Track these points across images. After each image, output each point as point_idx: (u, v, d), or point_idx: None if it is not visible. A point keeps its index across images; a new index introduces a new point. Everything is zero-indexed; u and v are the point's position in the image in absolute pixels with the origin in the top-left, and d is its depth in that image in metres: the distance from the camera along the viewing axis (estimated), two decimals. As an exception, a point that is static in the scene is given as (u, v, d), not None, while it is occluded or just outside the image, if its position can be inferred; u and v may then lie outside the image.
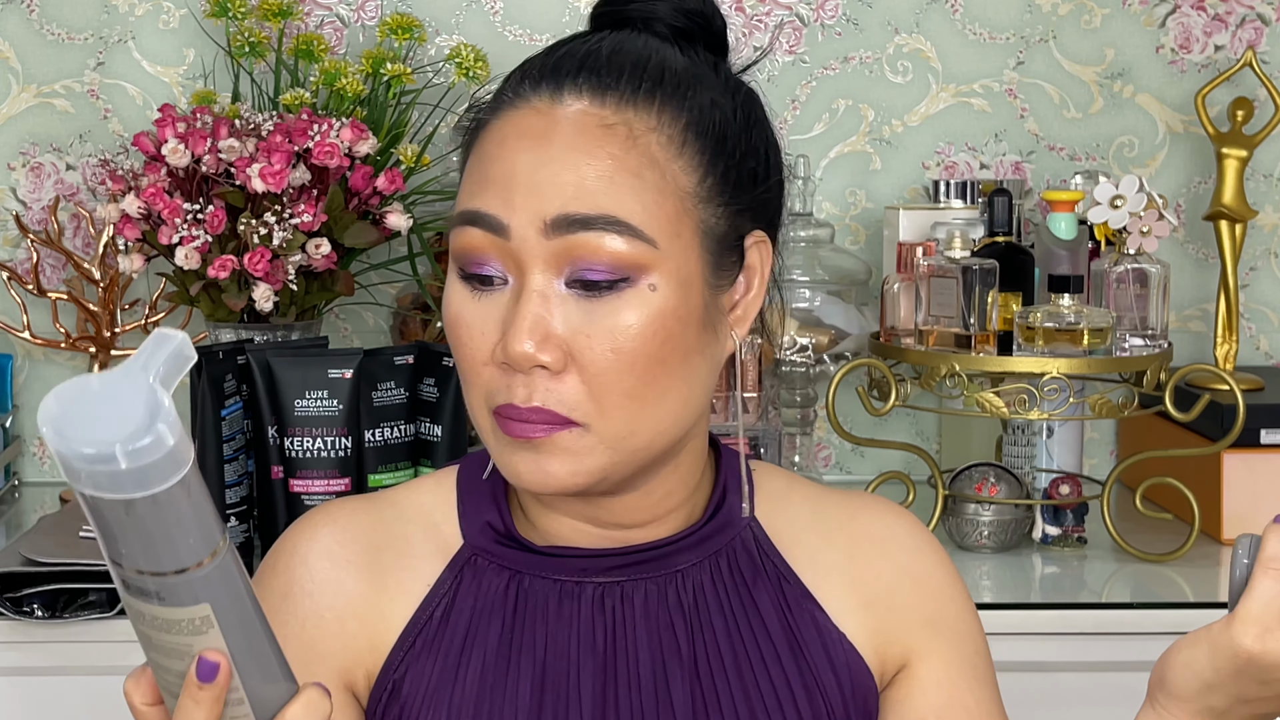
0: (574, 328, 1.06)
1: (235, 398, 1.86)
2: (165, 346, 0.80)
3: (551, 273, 1.06)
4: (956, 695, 1.18)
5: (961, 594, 1.22)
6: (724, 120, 1.12)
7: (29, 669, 1.76)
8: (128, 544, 0.83)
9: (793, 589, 1.17)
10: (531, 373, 1.06)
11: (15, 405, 2.29)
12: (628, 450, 1.08)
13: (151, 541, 0.82)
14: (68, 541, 1.76)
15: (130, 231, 2.00)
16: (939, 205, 2.19)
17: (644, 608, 1.14)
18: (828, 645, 1.16)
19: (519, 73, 1.13)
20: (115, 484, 0.80)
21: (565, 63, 1.11)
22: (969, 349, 1.94)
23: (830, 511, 1.22)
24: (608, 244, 1.05)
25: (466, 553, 1.16)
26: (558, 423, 1.06)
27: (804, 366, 2.15)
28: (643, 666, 1.13)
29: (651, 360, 1.07)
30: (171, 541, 0.82)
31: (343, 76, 2.09)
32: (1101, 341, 1.93)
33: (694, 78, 1.11)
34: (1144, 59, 2.35)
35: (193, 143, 1.96)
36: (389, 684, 1.13)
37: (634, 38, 1.13)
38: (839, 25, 2.32)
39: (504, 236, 1.06)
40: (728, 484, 1.18)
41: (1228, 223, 2.22)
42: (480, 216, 1.07)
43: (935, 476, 2.02)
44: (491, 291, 1.08)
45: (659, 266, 1.06)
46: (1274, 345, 2.38)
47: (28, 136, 2.29)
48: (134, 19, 2.28)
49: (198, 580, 0.84)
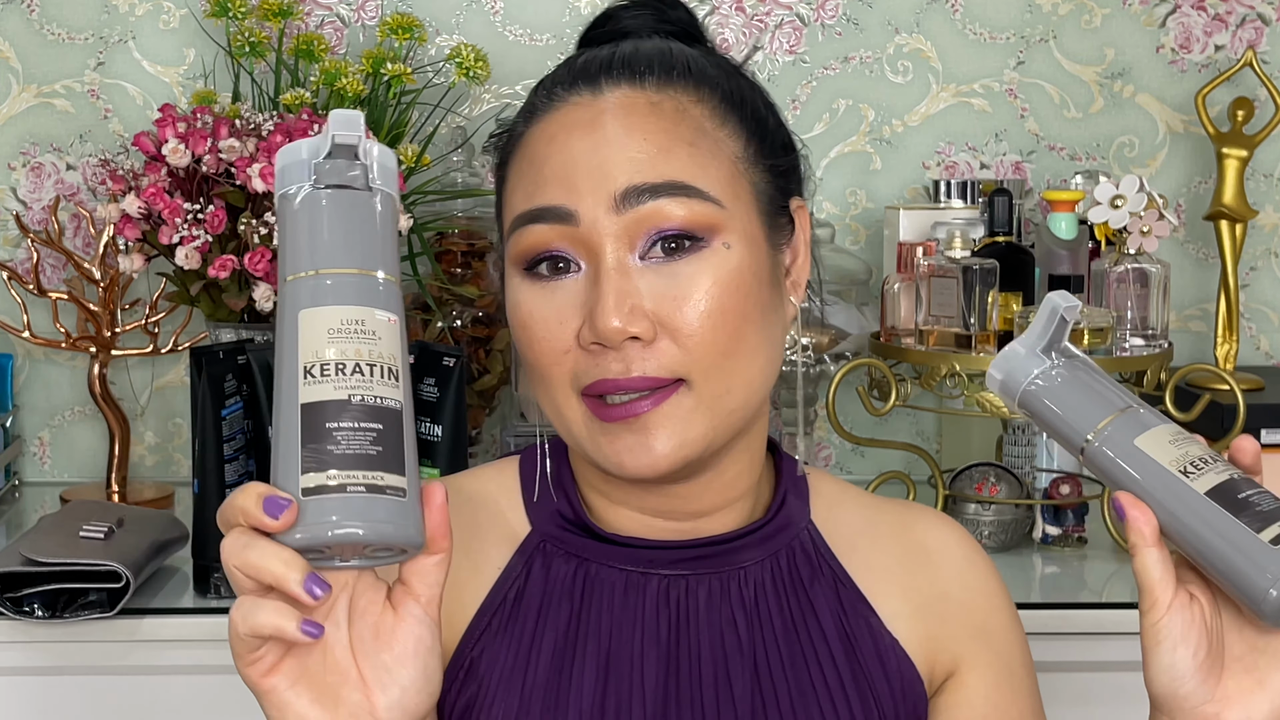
0: (659, 295, 1.08)
1: (235, 398, 1.86)
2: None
3: (624, 248, 1.09)
4: (1002, 706, 1.21)
5: (1009, 606, 1.25)
6: (750, 94, 1.17)
7: (29, 669, 1.76)
8: (324, 239, 0.98)
9: (848, 592, 1.19)
10: (623, 347, 1.08)
11: (15, 405, 2.29)
12: (725, 411, 1.10)
13: (349, 235, 0.97)
14: (68, 541, 1.76)
15: (130, 231, 1.99)
16: (939, 205, 2.19)
17: (707, 602, 1.16)
18: (881, 649, 1.18)
19: (543, 85, 1.16)
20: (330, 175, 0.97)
21: (592, 65, 1.15)
22: (969, 349, 1.94)
23: (884, 519, 1.24)
24: (678, 208, 1.09)
25: (535, 539, 1.18)
26: (661, 386, 1.08)
27: (804, 366, 2.15)
28: (704, 661, 1.15)
29: (739, 316, 1.10)
30: (368, 238, 0.98)
31: (343, 76, 2.09)
32: (1102, 341, 1.93)
33: (712, 62, 1.17)
34: (1144, 59, 2.35)
35: (193, 143, 1.96)
36: (465, 661, 1.15)
37: (643, 40, 1.17)
38: (839, 25, 2.32)
39: (572, 224, 1.09)
40: (788, 486, 1.21)
41: (1228, 223, 2.22)
42: (545, 211, 1.10)
43: (935, 476, 2.02)
44: (562, 280, 1.10)
45: (728, 226, 1.10)
46: (1274, 345, 2.38)
47: (28, 136, 2.29)
48: (134, 19, 2.28)
49: (376, 285, 0.97)
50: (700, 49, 1.18)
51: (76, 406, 2.31)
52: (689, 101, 1.13)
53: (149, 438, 2.31)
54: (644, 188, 1.09)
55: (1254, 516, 1.03)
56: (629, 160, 1.09)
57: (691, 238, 1.09)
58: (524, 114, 1.16)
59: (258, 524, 0.91)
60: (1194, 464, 1.07)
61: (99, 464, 2.29)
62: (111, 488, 2.14)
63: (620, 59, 1.14)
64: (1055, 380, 1.11)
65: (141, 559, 1.76)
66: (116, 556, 1.72)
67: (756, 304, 1.11)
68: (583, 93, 1.13)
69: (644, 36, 1.17)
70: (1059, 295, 1.11)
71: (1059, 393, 1.10)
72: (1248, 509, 1.04)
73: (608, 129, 1.10)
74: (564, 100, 1.13)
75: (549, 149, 1.12)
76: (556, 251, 1.10)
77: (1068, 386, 1.10)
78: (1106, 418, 1.09)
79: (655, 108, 1.12)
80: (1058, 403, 1.10)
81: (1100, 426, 1.09)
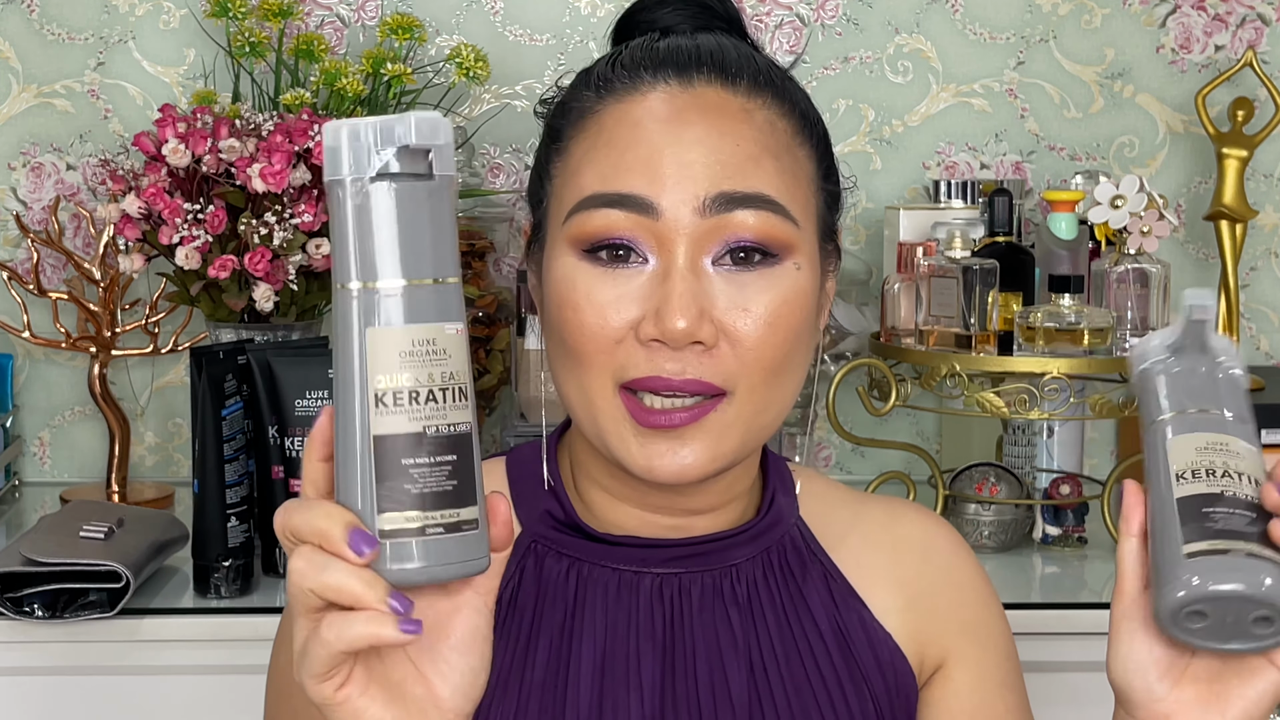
0: (729, 302, 1.08)
1: (235, 398, 1.86)
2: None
3: (701, 251, 1.08)
4: (989, 700, 1.21)
5: (996, 603, 1.25)
6: (817, 114, 1.17)
7: (29, 669, 1.76)
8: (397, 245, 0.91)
9: (839, 587, 1.20)
10: (684, 349, 1.07)
11: (15, 405, 2.29)
12: (757, 428, 1.11)
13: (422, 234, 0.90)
14: (68, 541, 1.76)
15: (130, 231, 1.99)
16: (939, 205, 2.19)
17: (701, 600, 1.16)
18: (873, 642, 1.19)
19: (622, 64, 1.13)
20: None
21: (680, 54, 1.12)
22: (969, 349, 1.94)
23: (871, 515, 1.24)
24: (761, 222, 1.08)
25: (526, 539, 1.17)
26: (710, 394, 1.08)
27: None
28: (700, 658, 1.15)
29: (794, 337, 1.10)
30: (436, 236, 0.91)
31: (343, 76, 2.09)
32: (1102, 341, 1.93)
33: (787, 74, 1.16)
34: (1144, 59, 2.35)
35: (193, 143, 1.96)
36: None
37: (716, 36, 1.15)
38: (839, 25, 2.32)
39: (651, 216, 1.07)
40: (776, 483, 1.21)
41: (1228, 223, 2.22)
42: (625, 198, 1.08)
43: (935, 476, 2.02)
44: (627, 269, 1.08)
45: (801, 246, 1.11)
46: (1274, 345, 2.38)
47: (28, 136, 2.29)
48: (134, 19, 2.28)
49: (444, 293, 0.91)
50: (770, 59, 1.17)
51: (76, 406, 2.31)
52: (777, 114, 1.12)
53: (149, 438, 2.31)
54: (733, 196, 1.08)
55: (1197, 530, 1.03)
56: (720, 164, 1.08)
57: (767, 253, 1.09)
58: (597, 87, 1.13)
59: (338, 554, 0.90)
60: (1196, 472, 1.06)
61: (99, 464, 2.29)
62: (111, 488, 2.14)
63: (710, 55, 1.12)
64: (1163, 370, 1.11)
65: (141, 559, 1.76)
66: (116, 556, 1.72)
67: (806, 327, 1.12)
68: (671, 81, 1.11)
69: (687, 34, 1.15)
70: (1191, 295, 1.10)
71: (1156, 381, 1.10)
72: (1200, 521, 1.03)
73: (699, 126, 1.09)
74: (649, 85, 1.11)
75: (634, 134, 1.09)
76: (629, 240, 1.08)
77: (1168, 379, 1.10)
78: (1172, 413, 1.09)
79: (748, 115, 1.10)
80: (1148, 390, 1.11)
81: (1159, 419, 1.09)
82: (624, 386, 1.08)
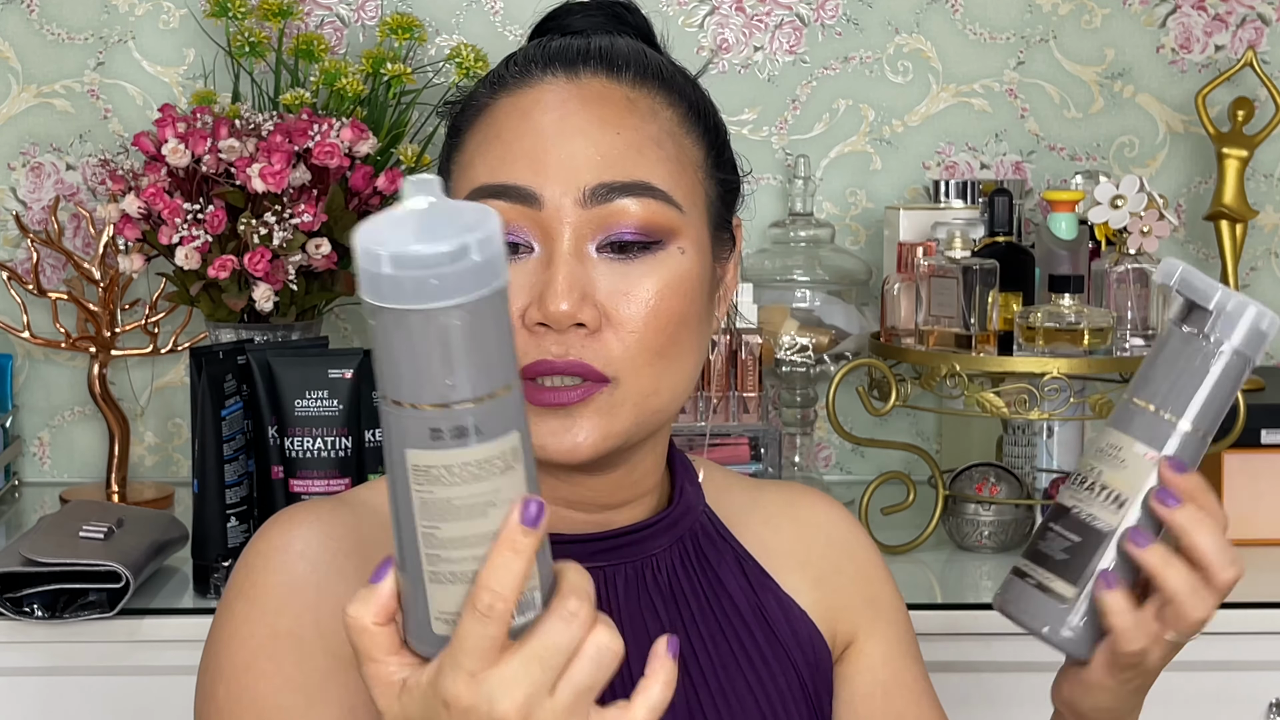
0: (610, 288, 1.09)
1: (235, 398, 1.86)
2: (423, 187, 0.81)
3: (583, 238, 1.09)
4: (899, 672, 1.26)
5: (892, 579, 1.30)
6: (712, 108, 1.19)
7: (29, 669, 1.76)
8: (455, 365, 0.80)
9: (752, 568, 1.22)
10: (567, 331, 1.08)
11: (15, 405, 2.29)
12: (650, 410, 1.12)
13: (482, 353, 0.80)
14: (68, 541, 1.76)
15: (130, 231, 1.99)
16: (939, 205, 2.19)
17: (626, 592, 1.17)
18: (791, 620, 1.21)
19: (515, 60, 1.16)
20: (461, 283, 0.78)
21: (569, 50, 1.14)
22: (969, 349, 1.94)
23: (769, 499, 1.28)
24: (642, 209, 1.10)
25: None
26: (593, 378, 1.09)
27: (804, 366, 2.15)
28: (632, 649, 1.15)
29: (679, 320, 1.11)
30: (498, 352, 0.81)
31: (343, 76, 2.09)
32: (1102, 341, 1.93)
33: (679, 69, 1.19)
34: (1144, 59, 2.35)
35: (193, 143, 1.96)
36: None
37: (613, 36, 1.18)
38: (839, 25, 2.32)
39: (535, 206, 1.09)
40: (682, 473, 1.23)
41: (1228, 223, 2.22)
42: (509, 189, 1.10)
43: (935, 476, 2.02)
44: (515, 260, 1.09)
45: (685, 231, 1.12)
46: (1274, 345, 2.38)
47: (28, 136, 2.29)
48: (134, 19, 2.28)
49: (511, 404, 0.82)
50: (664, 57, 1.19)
51: (76, 406, 2.31)
52: (661, 104, 1.14)
53: (149, 438, 2.31)
54: (613, 185, 1.09)
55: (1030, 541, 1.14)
56: (601, 155, 1.10)
57: (650, 239, 1.10)
58: (489, 84, 1.15)
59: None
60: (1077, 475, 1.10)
61: (99, 464, 2.29)
62: (111, 488, 2.14)
63: (598, 49, 1.14)
64: (1168, 341, 1.11)
65: (141, 559, 1.76)
66: (116, 557, 1.72)
67: (694, 311, 1.13)
68: (558, 75, 1.13)
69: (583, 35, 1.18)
70: (1164, 266, 1.10)
71: (1154, 358, 1.11)
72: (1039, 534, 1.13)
73: (581, 116, 1.11)
74: (538, 79, 1.13)
75: (520, 125, 1.11)
76: (513, 231, 1.09)
77: (1164, 353, 1.11)
78: (1130, 396, 1.11)
79: (631, 104, 1.12)
80: (1150, 361, 1.12)
81: (1126, 396, 1.11)
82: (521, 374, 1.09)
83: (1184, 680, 1.81)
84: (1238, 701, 1.84)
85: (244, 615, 1.10)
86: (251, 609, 1.10)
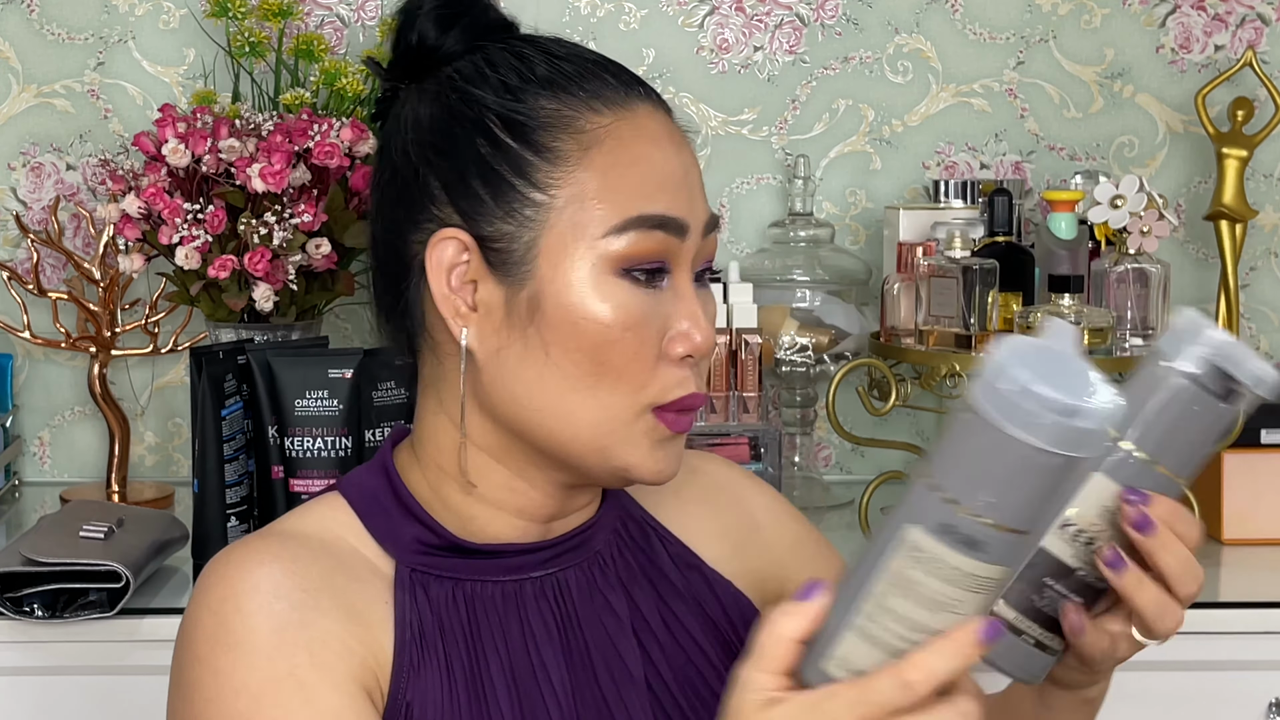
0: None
1: (235, 398, 1.86)
2: (1067, 336, 0.88)
3: (693, 267, 1.13)
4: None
5: (794, 510, 1.32)
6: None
7: (29, 669, 1.76)
8: (1006, 491, 0.86)
9: (675, 547, 1.23)
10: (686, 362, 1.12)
11: (15, 405, 2.29)
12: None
13: (1031, 496, 0.86)
14: (68, 541, 1.76)
15: (130, 231, 2.00)
16: (939, 205, 2.19)
17: (580, 592, 1.17)
18: (718, 593, 1.22)
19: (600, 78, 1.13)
20: (1056, 435, 0.84)
21: (624, 72, 1.15)
22: (969, 349, 1.94)
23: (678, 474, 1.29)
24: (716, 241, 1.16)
25: (404, 571, 1.13)
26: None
27: (804, 366, 2.15)
28: (594, 647, 1.16)
29: None
30: (1041, 504, 0.87)
31: (343, 76, 2.09)
32: (1102, 341, 1.93)
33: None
34: (1144, 59, 2.35)
35: (193, 143, 1.96)
36: (401, 707, 1.10)
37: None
38: (839, 25, 2.32)
39: (681, 238, 1.11)
40: None
41: (1228, 222, 2.23)
42: (670, 221, 1.10)
43: (935, 476, 2.02)
44: (658, 289, 1.11)
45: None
46: (1274, 345, 2.38)
47: (28, 136, 2.29)
48: (134, 19, 2.28)
49: (1020, 546, 0.88)
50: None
51: (76, 406, 2.31)
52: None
53: (149, 438, 2.31)
54: (714, 218, 1.14)
55: (1023, 593, 1.11)
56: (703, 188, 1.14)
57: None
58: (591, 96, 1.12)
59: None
60: (1082, 533, 1.10)
61: (99, 464, 2.29)
62: (111, 488, 2.14)
63: (639, 78, 1.15)
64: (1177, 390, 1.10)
65: (141, 559, 1.76)
66: (116, 556, 1.72)
67: None
68: (644, 101, 1.14)
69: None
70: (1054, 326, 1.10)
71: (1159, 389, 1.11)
72: (1032, 589, 1.12)
73: (687, 150, 1.14)
74: (640, 102, 1.13)
75: (654, 153, 1.11)
76: (659, 259, 1.10)
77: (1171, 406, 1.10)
78: (1132, 445, 1.10)
79: (687, 139, 1.16)
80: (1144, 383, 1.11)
81: (1120, 442, 1.10)
82: (667, 407, 1.11)
83: (1184, 680, 1.82)
84: (1238, 701, 1.84)
85: (232, 667, 1.06)
86: (240, 659, 1.06)
